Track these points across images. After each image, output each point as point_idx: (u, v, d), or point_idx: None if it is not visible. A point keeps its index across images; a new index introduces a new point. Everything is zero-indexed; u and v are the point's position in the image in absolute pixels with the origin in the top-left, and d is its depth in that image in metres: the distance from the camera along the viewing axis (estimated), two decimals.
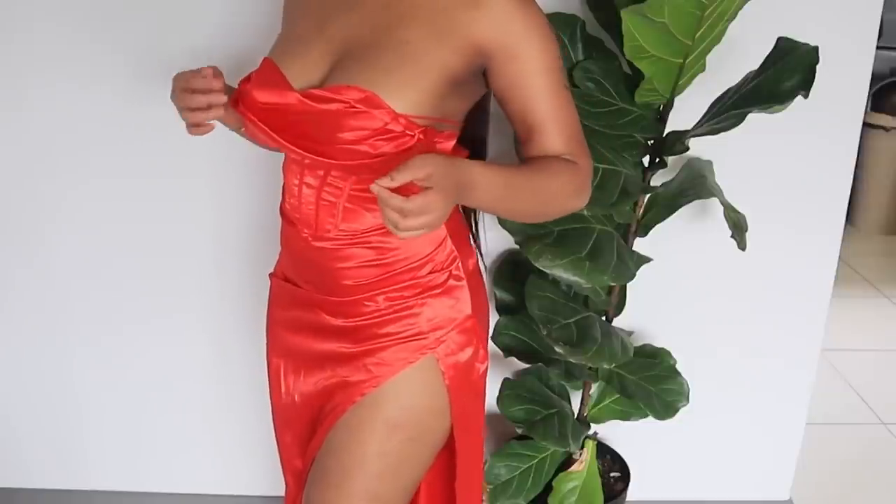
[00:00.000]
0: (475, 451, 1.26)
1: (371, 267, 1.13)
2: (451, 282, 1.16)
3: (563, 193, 1.10)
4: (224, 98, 1.05)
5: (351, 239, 1.11)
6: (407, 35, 1.04)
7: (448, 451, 1.23)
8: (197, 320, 1.92)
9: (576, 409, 1.79)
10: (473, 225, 1.31)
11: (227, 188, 1.80)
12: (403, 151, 1.03)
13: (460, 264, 1.17)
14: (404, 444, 1.16)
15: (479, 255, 1.27)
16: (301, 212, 1.13)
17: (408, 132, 1.03)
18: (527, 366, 1.80)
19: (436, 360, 1.15)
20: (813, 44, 1.35)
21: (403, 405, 1.15)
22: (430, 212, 0.94)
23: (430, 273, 1.15)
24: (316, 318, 1.19)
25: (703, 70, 1.42)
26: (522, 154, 1.13)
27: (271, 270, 1.32)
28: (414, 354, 1.14)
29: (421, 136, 1.04)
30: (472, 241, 1.26)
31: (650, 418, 1.68)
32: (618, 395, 1.76)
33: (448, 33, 1.04)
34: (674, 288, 1.86)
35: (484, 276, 1.28)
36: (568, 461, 1.77)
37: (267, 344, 1.32)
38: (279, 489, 1.41)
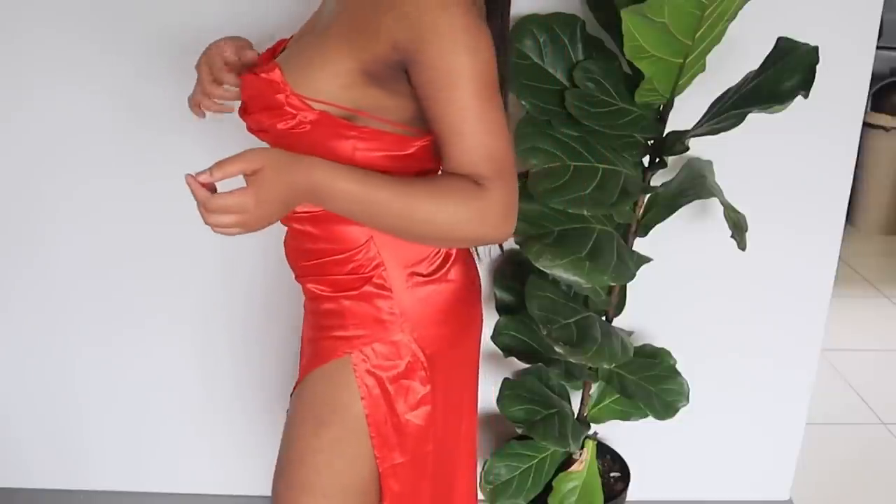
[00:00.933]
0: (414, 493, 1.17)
1: (303, 251, 1.13)
2: (368, 288, 1.08)
3: (453, 219, 0.95)
4: (234, 108, 1.06)
5: (298, 221, 1.11)
6: (336, 22, 1.02)
7: None
8: (198, 321, 1.92)
9: (576, 409, 1.79)
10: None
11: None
12: (298, 134, 1.01)
13: (385, 273, 1.08)
14: (333, 444, 1.10)
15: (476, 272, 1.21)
16: None
17: (300, 112, 0.99)
18: (527, 366, 1.80)
19: (351, 364, 1.09)
20: (813, 44, 1.35)
21: (326, 403, 1.11)
22: (238, 212, 0.90)
23: (349, 274, 1.09)
24: (308, 305, 1.21)
25: (703, 70, 1.42)
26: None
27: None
28: (333, 351, 1.10)
29: (313, 119, 0.99)
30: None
31: (650, 418, 1.68)
32: (618, 395, 1.76)
33: (364, 26, 0.97)
34: (674, 288, 1.86)
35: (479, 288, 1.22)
36: (568, 461, 1.77)
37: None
38: None
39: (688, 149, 1.47)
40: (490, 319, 1.45)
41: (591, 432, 1.78)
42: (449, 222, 0.96)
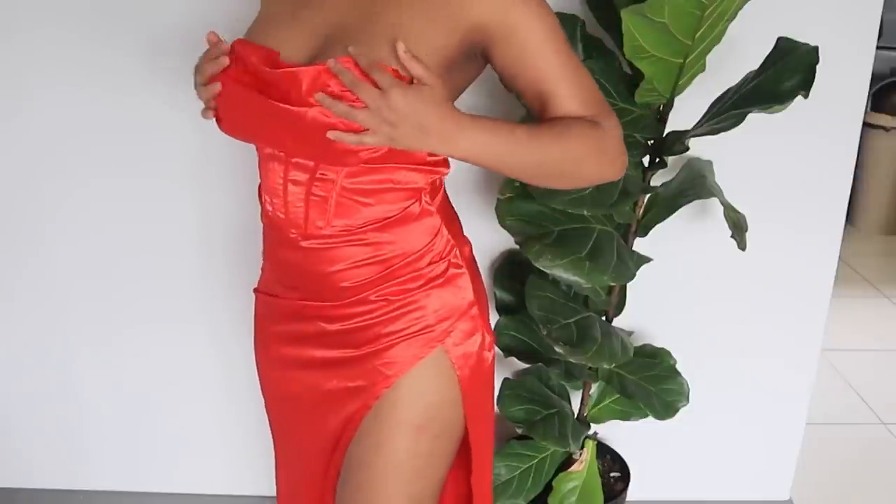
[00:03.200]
0: (487, 442, 1.24)
1: (368, 265, 1.09)
2: (452, 270, 1.13)
3: (580, 154, 1.03)
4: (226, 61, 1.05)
5: (344, 236, 1.07)
6: (397, 18, 1.00)
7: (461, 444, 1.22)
8: (197, 321, 1.92)
9: (576, 409, 1.79)
10: None
11: (233, 189, 1.80)
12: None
13: (458, 252, 1.14)
14: (432, 442, 1.13)
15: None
16: (288, 211, 1.08)
17: None
18: (527, 366, 1.80)
19: (445, 352, 1.12)
20: (813, 44, 1.35)
21: (422, 403, 1.12)
22: (410, 113, 0.93)
23: (430, 264, 1.11)
24: (312, 327, 1.15)
25: (703, 70, 1.42)
26: None
27: (255, 286, 1.28)
28: (423, 349, 1.11)
29: None
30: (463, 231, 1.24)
31: (650, 418, 1.68)
32: (618, 395, 1.76)
33: (440, 14, 1.00)
34: (674, 288, 1.86)
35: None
36: (568, 461, 1.77)
37: (259, 362, 1.28)
38: None
39: (688, 149, 1.47)
40: (490, 319, 1.45)
41: (591, 432, 1.78)
42: (576, 158, 1.03)
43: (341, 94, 0.95)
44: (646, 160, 1.56)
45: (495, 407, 1.69)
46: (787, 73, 1.35)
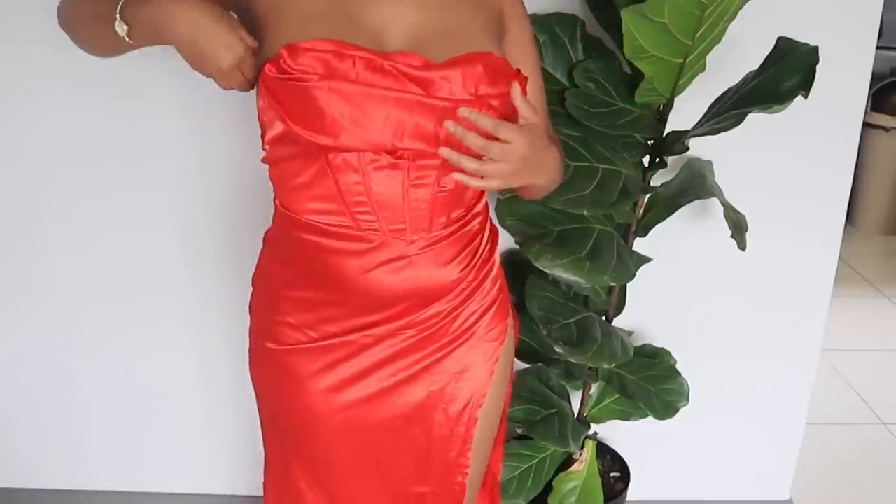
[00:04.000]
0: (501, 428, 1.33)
1: (467, 247, 1.13)
2: (490, 245, 1.20)
3: (559, 170, 1.17)
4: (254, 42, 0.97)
5: (456, 225, 1.10)
6: (467, 12, 1.07)
7: None
8: (198, 321, 1.92)
9: (576, 409, 1.79)
10: None
11: (234, 191, 1.80)
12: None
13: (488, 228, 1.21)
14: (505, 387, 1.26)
15: None
16: (409, 218, 1.05)
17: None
18: (527, 366, 1.80)
19: (511, 326, 1.23)
20: (813, 44, 1.35)
21: (507, 370, 1.23)
22: (518, 147, 1.00)
23: (483, 243, 1.17)
24: (393, 348, 1.12)
25: (703, 70, 1.42)
26: None
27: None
28: (504, 321, 1.20)
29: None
30: None
31: (650, 418, 1.68)
32: (618, 395, 1.76)
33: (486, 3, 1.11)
34: (674, 288, 1.86)
35: None
36: (568, 461, 1.77)
37: (314, 409, 1.15)
38: None
39: (688, 149, 1.47)
40: None
41: (591, 432, 1.78)
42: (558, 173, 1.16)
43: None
44: (646, 160, 1.56)
45: None
46: (787, 73, 1.35)
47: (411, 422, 1.16)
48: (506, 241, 1.66)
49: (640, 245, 1.60)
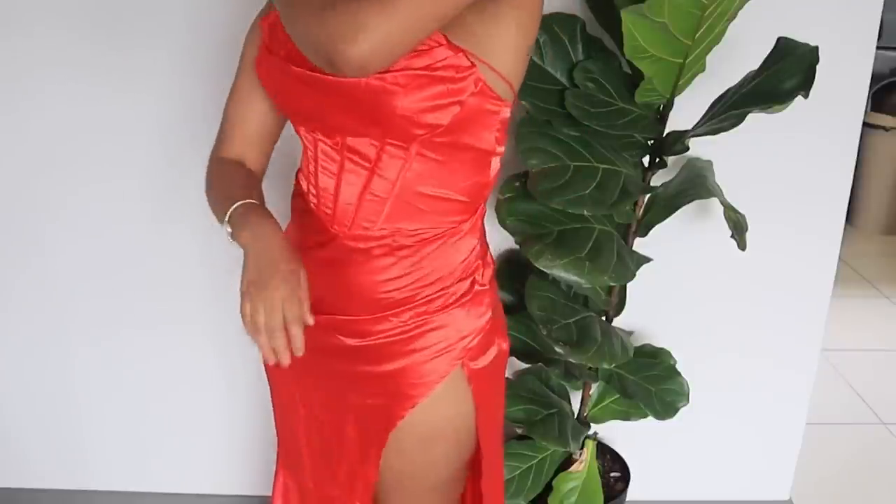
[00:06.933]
0: (497, 446, 1.25)
1: (405, 276, 1.06)
2: (476, 288, 1.13)
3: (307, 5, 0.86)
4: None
5: (388, 241, 1.05)
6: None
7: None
8: (198, 321, 1.92)
9: (576, 409, 1.79)
10: None
11: None
12: (463, 120, 0.97)
13: (482, 272, 1.14)
14: (447, 451, 1.16)
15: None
16: (336, 207, 1.05)
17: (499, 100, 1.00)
18: (527, 366, 1.80)
19: (462, 370, 1.11)
20: (813, 44, 1.35)
21: (440, 418, 1.13)
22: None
23: (458, 281, 1.10)
24: (329, 339, 1.12)
25: (703, 70, 1.42)
26: None
27: None
28: (446, 368, 1.10)
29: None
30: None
31: (650, 418, 1.68)
32: (618, 395, 1.76)
33: None
34: (674, 288, 1.86)
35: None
36: (568, 461, 1.77)
37: (272, 371, 1.25)
38: None
39: (688, 149, 1.48)
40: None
41: (591, 432, 1.78)
42: (305, 7, 0.86)
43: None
44: (646, 160, 1.56)
45: None
46: (787, 73, 1.35)
47: (337, 411, 1.18)
48: (506, 240, 1.66)
49: (640, 245, 1.60)
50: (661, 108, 1.52)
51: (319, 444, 1.23)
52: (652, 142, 1.53)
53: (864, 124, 1.91)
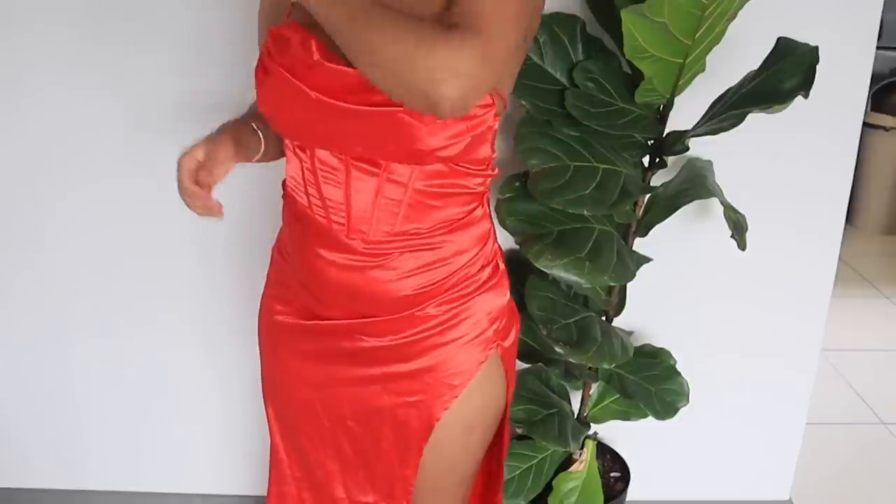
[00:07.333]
0: (507, 420, 1.29)
1: (430, 271, 1.07)
2: (498, 272, 1.17)
3: (403, 46, 0.83)
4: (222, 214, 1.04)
5: (409, 240, 1.05)
6: None
7: None
8: (198, 321, 1.92)
9: (576, 409, 1.79)
10: None
11: (232, 189, 1.80)
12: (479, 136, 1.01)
13: (500, 255, 1.18)
14: (485, 437, 1.20)
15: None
16: (350, 216, 1.04)
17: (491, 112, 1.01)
18: (527, 366, 1.80)
19: (497, 352, 1.15)
20: (813, 44, 1.35)
21: (479, 405, 1.15)
22: None
23: (482, 268, 1.13)
24: (352, 344, 1.11)
25: (703, 70, 1.42)
26: None
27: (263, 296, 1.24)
28: (484, 353, 1.13)
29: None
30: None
31: (650, 418, 1.68)
32: (618, 395, 1.76)
33: None
34: (674, 288, 1.86)
35: None
36: (568, 461, 1.77)
37: (280, 380, 1.23)
38: None
39: (688, 149, 1.48)
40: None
41: (591, 432, 1.78)
42: (399, 49, 0.83)
43: None
44: (646, 160, 1.56)
45: None
46: (787, 73, 1.35)
47: (368, 421, 1.17)
48: (506, 241, 1.66)
49: (640, 245, 1.60)
50: (661, 108, 1.52)
51: (352, 454, 1.21)
52: (652, 142, 1.53)
53: (864, 124, 1.91)
